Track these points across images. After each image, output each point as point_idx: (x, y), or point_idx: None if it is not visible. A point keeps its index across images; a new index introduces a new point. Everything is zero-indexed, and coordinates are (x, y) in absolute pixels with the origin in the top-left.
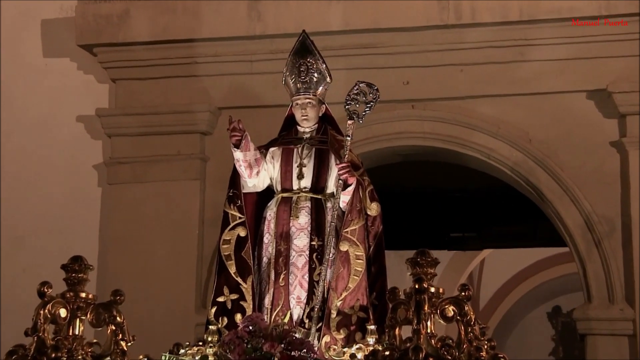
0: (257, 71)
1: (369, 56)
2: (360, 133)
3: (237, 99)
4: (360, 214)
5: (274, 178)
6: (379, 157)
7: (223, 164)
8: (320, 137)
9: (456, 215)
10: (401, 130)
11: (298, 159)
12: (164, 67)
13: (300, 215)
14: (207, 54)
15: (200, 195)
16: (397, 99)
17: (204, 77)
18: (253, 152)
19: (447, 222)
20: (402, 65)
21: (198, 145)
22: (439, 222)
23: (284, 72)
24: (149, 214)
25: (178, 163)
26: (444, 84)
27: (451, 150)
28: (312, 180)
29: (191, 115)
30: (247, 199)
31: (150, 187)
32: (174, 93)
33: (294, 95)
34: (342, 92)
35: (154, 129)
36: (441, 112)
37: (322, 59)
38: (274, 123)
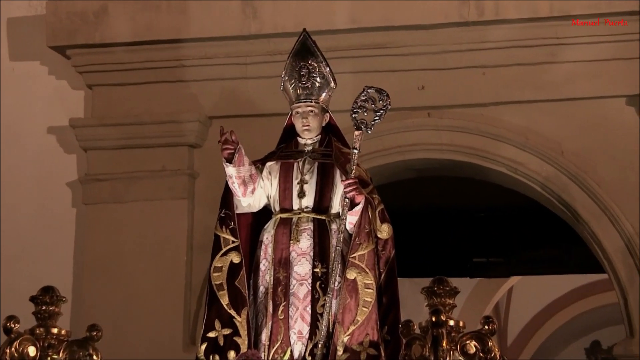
0: (252, 75)
1: (379, 58)
2: (369, 145)
3: (229, 106)
4: (370, 237)
5: (271, 197)
6: (391, 172)
7: (214, 180)
8: (324, 149)
9: (479, 238)
10: (416, 141)
11: (299, 175)
12: (147, 72)
13: (302, 238)
14: (196, 56)
15: (188, 216)
16: (411, 106)
17: (192, 83)
18: (248, 168)
19: (469, 245)
20: (416, 68)
21: (186, 159)
22: (460, 245)
23: (283, 76)
24: (130, 238)
25: (163, 180)
26: (464, 89)
27: (473, 164)
28: (315, 198)
29: (178, 125)
30: (242, 220)
31: (132, 208)
32: (159, 100)
33: (294, 103)
34: (348, 98)
35: (135, 142)
36: (461, 120)
37: (325, 61)
38: (271, 134)
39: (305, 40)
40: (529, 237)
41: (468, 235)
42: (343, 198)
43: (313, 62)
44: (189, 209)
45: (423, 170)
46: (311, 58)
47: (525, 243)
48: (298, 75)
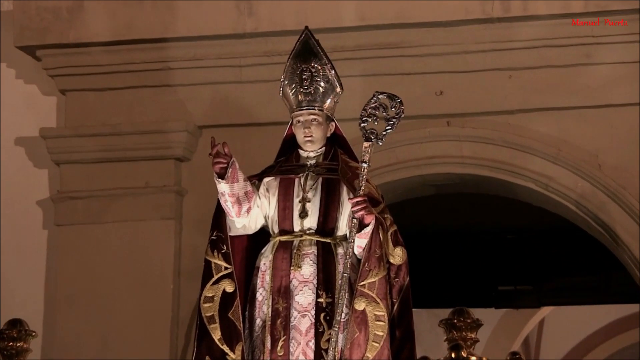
0: (247, 79)
1: (392, 59)
2: (381, 158)
3: (222, 114)
4: (381, 262)
5: (269, 217)
6: (406, 188)
7: (204, 198)
8: (329, 163)
9: (506, 262)
10: (433, 153)
11: (300, 192)
12: (128, 75)
13: (304, 264)
14: (184, 58)
15: (175, 239)
16: (427, 114)
17: (180, 87)
18: (242, 184)
19: (494, 271)
20: (434, 71)
21: (172, 174)
22: (484, 271)
23: (282, 81)
24: (109, 264)
25: (147, 198)
26: (488, 94)
27: (498, 180)
28: (319, 219)
29: (163, 136)
30: (236, 244)
31: (111, 230)
32: (141, 108)
33: (295, 110)
34: (356, 105)
35: (115, 154)
36: (485, 130)
37: (330, 63)
38: (269, 145)
39: (308, 39)
40: (562, 262)
41: (493, 259)
42: (351, 218)
43: (316, 64)
44: (176, 230)
45: (442, 186)
46: (314, 60)
47: (557, 269)
48: (299, 80)
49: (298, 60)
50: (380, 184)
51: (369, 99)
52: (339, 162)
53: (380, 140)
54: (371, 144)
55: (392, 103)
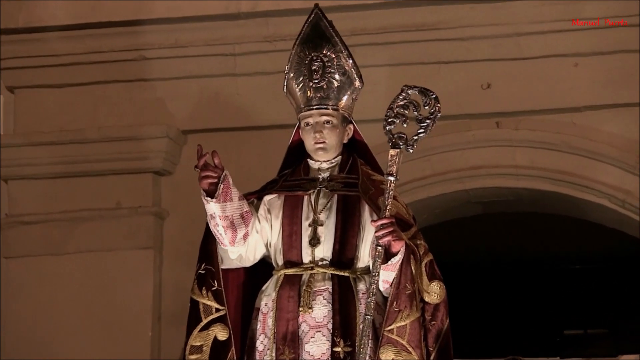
0: (243, 71)
1: (426, 44)
2: (413, 169)
3: (211, 116)
4: (413, 301)
5: (272, 245)
6: (445, 207)
7: (190, 222)
8: (346, 177)
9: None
10: (479, 162)
11: (311, 214)
12: (93, 67)
13: (316, 304)
14: (163, 45)
15: (154, 273)
16: (471, 113)
17: (159, 82)
18: (238, 204)
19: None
20: (479, 58)
21: (150, 192)
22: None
23: (287, 73)
24: (70, 305)
25: (118, 222)
26: (548, 87)
27: (561, 195)
28: (334, 247)
29: (138, 144)
30: (230, 279)
31: (73, 262)
32: (110, 109)
33: (303, 110)
34: (381, 103)
35: (78, 168)
36: (544, 132)
37: (347, 50)
38: (270, 155)
39: (319, 20)
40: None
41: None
42: (374, 246)
43: (329, 51)
44: (155, 263)
45: (490, 204)
46: (327, 46)
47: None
48: (308, 71)
49: (306, 47)
50: (412, 202)
51: (397, 95)
52: (358, 175)
53: (410, 147)
54: (399, 151)
55: (426, 100)
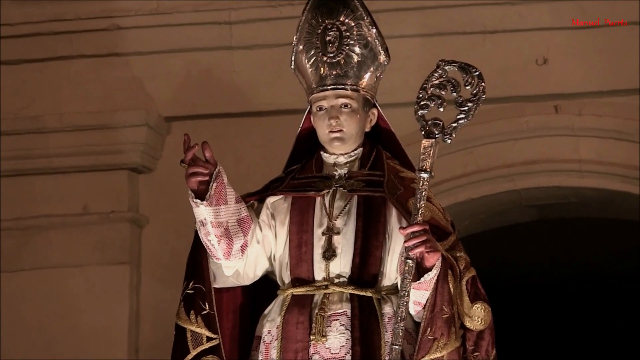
0: (240, 43)
1: (466, 9)
2: (452, 164)
3: (201, 99)
4: (452, 327)
5: (276, 258)
6: (491, 212)
7: (174, 231)
8: (369, 173)
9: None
10: (534, 156)
11: (325, 220)
12: (55, 39)
13: (331, 332)
14: (141, 11)
15: (130, 293)
16: (524, 95)
17: (135, 58)
18: (234, 207)
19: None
20: (532, 27)
21: (125, 194)
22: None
23: (295, 45)
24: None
25: (85, 231)
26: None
27: (636, 196)
28: (354, 261)
29: (110, 134)
30: (224, 301)
31: (30, 281)
32: (76, 90)
33: (316, 91)
34: (412, 82)
35: (35, 164)
36: (614, 119)
37: (370, 16)
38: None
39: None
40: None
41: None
42: (403, 259)
43: (348, 18)
44: (131, 281)
45: (548, 207)
46: (345, 11)
47: None
48: (322, 43)
49: (319, 13)
50: (450, 204)
51: (431, 72)
52: (384, 172)
53: (448, 137)
54: (435, 142)
55: (467, 78)
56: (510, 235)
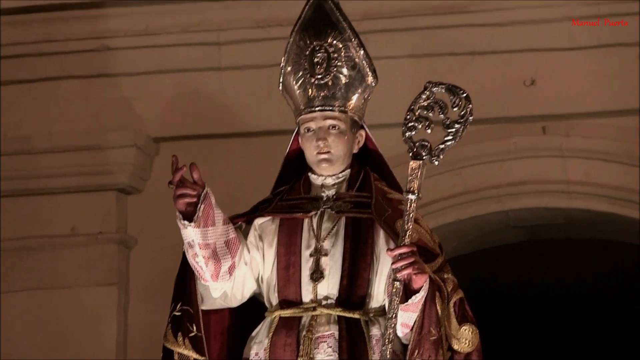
0: (229, 64)
1: (455, 30)
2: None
3: (189, 120)
4: (439, 349)
5: (264, 280)
6: (479, 232)
7: (162, 252)
8: (357, 195)
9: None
10: (522, 177)
11: (312, 241)
12: (43, 60)
13: (319, 354)
14: (130, 32)
15: (118, 316)
16: (512, 116)
17: (124, 78)
18: (222, 229)
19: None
20: (521, 48)
21: (113, 215)
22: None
23: (283, 66)
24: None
25: (73, 252)
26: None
27: (626, 218)
28: (342, 282)
29: (98, 155)
30: (212, 323)
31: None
32: (64, 111)
33: (304, 112)
34: (400, 103)
35: (23, 185)
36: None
37: (357, 38)
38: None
39: (322, 1)
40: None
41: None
42: (391, 280)
43: (336, 40)
44: (119, 302)
45: (536, 228)
46: (332, 33)
47: None
48: (310, 64)
49: (307, 35)
50: (439, 225)
51: (418, 94)
52: (372, 193)
53: (436, 158)
54: (422, 163)
55: (455, 99)
56: (499, 256)
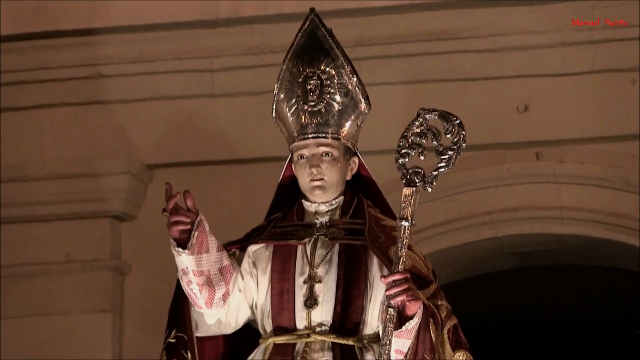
0: (222, 91)
1: (448, 57)
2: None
3: (183, 147)
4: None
5: (258, 306)
6: (473, 259)
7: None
8: (350, 221)
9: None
10: (516, 203)
11: (306, 268)
12: (37, 87)
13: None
14: (124, 59)
15: (112, 342)
16: (505, 142)
17: (118, 105)
18: (216, 256)
19: None
20: (514, 74)
21: (107, 242)
22: None
23: (276, 94)
24: None
25: (67, 280)
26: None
27: (617, 244)
28: (335, 309)
29: (92, 182)
30: (206, 349)
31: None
32: (58, 138)
33: (297, 139)
34: (393, 130)
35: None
36: (596, 165)
37: (350, 65)
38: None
39: (315, 28)
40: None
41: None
42: (385, 307)
43: (329, 67)
44: (113, 329)
45: (529, 254)
46: (325, 60)
47: None
48: (303, 91)
49: (300, 62)
50: (432, 252)
51: (411, 121)
52: (365, 220)
53: (429, 185)
54: (415, 190)
55: (448, 126)
56: (493, 283)
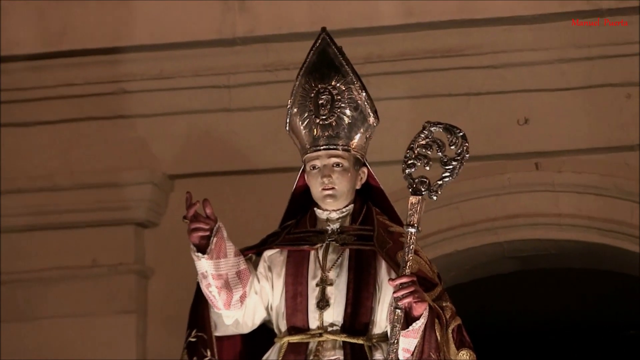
0: (239, 105)
1: (451, 73)
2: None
3: (202, 159)
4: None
5: (273, 308)
6: (476, 263)
7: (178, 282)
8: (360, 228)
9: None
10: (516, 211)
11: (318, 272)
12: (64, 103)
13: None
14: (146, 75)
15: (137, 342)
16: (506, 153)
17: (141, 119)
18: (233, 260)
19: None
20: (514, 89)
21: (132, 248)
22: None
23: (289, 108)
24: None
25: (94, 283)
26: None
27: (613, 249)
28: (346, 310)
29: (117, 191)
30: (225, 348)
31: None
32: (84, 150)
33: (309, 151)
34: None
35: (46, 220)
36: (592, 175)
37: (360, 81)
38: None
39: (326, 46)
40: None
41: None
42: (392, 309)
43: (339, 83)
44: (137, 329)
45: (529, 259)
46: (336, 76)
47: None
48: (315, 106)
49: (312, 78)
50: (437, 256)
51: (417, 133)
52: (374, 227)
53: (434, 194)
54: (421, 198)
55: (452, 138)
56: (495, 285)
